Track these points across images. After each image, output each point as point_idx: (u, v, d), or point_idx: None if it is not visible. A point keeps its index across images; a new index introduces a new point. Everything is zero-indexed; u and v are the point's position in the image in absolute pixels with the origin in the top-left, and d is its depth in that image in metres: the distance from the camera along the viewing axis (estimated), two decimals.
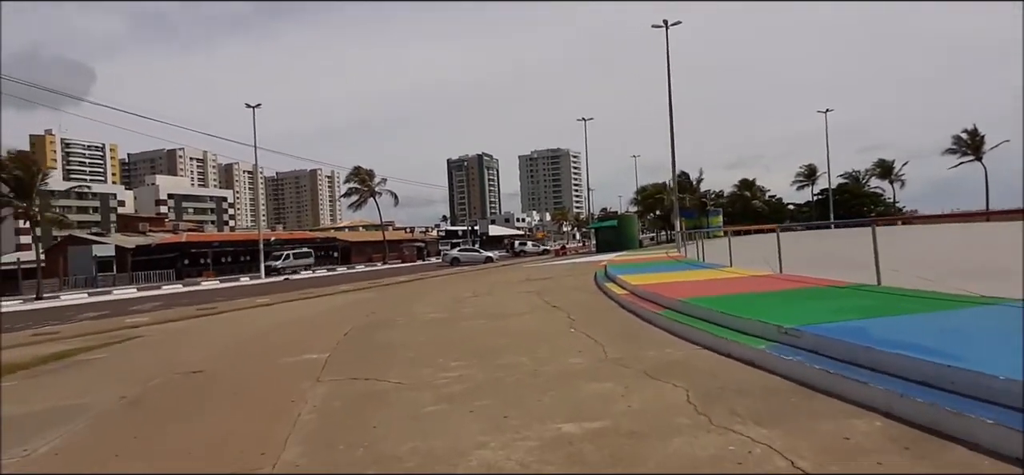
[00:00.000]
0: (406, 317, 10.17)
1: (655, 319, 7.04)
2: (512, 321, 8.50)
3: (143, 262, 49.83)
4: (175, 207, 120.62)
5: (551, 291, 13.01)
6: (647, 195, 63.80)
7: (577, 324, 7.57)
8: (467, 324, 8.57)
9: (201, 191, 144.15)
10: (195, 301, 21.76)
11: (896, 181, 65.11)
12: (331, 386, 5.25)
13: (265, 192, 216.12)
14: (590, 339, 6.39)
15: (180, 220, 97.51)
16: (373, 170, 63.50)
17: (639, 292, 9.24)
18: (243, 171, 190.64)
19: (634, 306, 8.26)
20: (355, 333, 8.59)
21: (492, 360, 5.74)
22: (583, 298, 10.96)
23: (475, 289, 15.55)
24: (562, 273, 19.99)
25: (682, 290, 8.49)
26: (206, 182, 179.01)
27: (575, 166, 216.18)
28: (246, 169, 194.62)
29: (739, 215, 62.52)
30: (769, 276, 9.46)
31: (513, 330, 7.61)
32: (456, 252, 48.48)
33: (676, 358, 5.11)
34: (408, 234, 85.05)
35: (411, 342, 7.28)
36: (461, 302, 12.12)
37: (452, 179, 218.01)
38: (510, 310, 9.91)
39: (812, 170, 66.41)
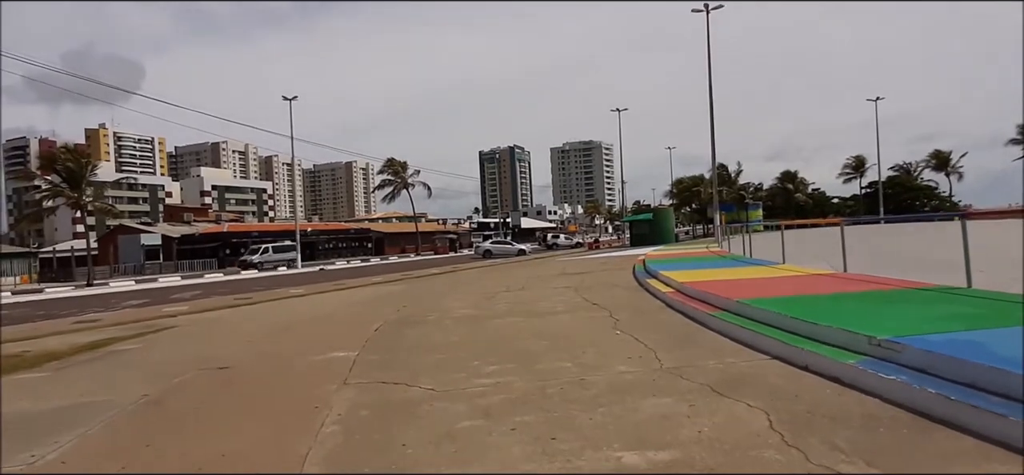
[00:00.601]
0: (438, 313, 9.73)
1: (709, 322, 6.40)
2: (550, 320, 7.95)
3: (188, 251, 51.13)
4: (218, 198, 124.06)
5: (589, 287, 12.40)
6: (683, 187, 62.20)
7: (622, 325, 6.98)
8: (502, 323, 8.07)
9: (242, 183, 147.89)
10: (233, 290, 21.91)
11: (953, 173, 61.73)
12: (358, 390, 4.81)
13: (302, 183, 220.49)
14: (639, 343, 5.79)
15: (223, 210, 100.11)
16: (406, 162, 63.76)
17: (687, 291, 8.57)
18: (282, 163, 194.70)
19: (683, 306, 7.62)
20: (385, 329, 8.18)
21: (531, 365, 5.22)
22: (625, 296, 10.33)
23: (508, 284, 15.06)
24: (598, 267, 19.33)
25: (737, 289, 7.79)
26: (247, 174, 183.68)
27: (607, 159, 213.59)
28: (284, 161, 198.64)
29: (780, 209, 60.34)
30: (833, 275, 8.66)
31: (552, 331, 7.07)
32: (488, 245, 48.16)
33: (743, 370, 4.49)
34: (440, 226, 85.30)
35: (443, 342, 6.81)
36: (494, 298, 11.63)
37: (484, 171, 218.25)
38: (547, 307, 9.37)
39: (860, 162, 63.59)
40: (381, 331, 8.04)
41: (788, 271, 9.81)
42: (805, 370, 4.33)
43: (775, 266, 11.04)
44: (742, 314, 6.13)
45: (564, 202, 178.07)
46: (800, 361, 4.45)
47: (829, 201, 67.66)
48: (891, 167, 67.12)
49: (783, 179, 66.55)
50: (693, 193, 58.47)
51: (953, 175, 61.49)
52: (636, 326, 6.82)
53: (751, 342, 5.26)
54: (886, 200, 57.60)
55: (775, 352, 4.80)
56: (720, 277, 9.67)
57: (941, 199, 61.23)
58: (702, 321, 6.57)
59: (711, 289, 7.94)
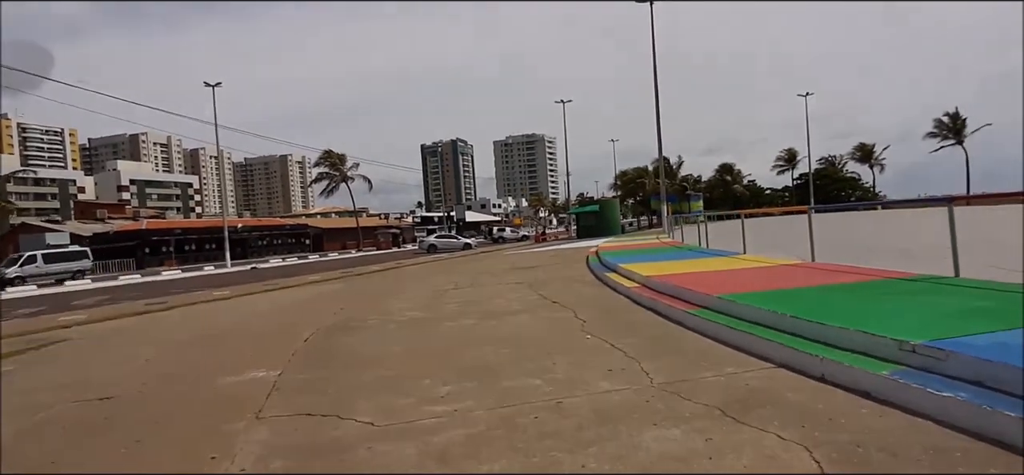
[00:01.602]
0: (380, 315, 8.66)
1: (689, 321, 5.69)
2: (508, 322, 7.07)
3: (102, 251, 46.91)
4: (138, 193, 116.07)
5: (544, 282, 11.62)
6: (628, 179, 62.83)
7: (591, 327, 6.18)
8: (454, 326, 7.12)
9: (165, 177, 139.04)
10: (148, 293, 19.82)
11: (876, 165, 65.30)
12: (273, 428, 3.77)
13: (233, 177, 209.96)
14: (616, 350, 5.00)
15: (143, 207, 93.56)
16: (344, 155, 61.24)
17: (655, 285, 7.90)
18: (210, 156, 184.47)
19: (654, 303, 6.91)
20: (317, 339, 7.06)
21: (493, 383, 4.32)
22: (585, 291, 9.59)
23: (457, 280, 14.08)
24: (549, 261, 18.63)
25: (709, 283, 7.17)
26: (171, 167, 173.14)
27: (550, 152, 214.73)
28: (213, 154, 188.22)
29: (719, 200, 62.04)
30: (804, 266, 8.21)
31: (512, 335, 6.19)
32: (433, 239, 46.81)
33: (751, 384, 3.75)
34: (383, 220, 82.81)
35: (386, 353, 5.80)
36: (443, 296, 10.65)
37: (426, 165, 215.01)
38: (502, 307, 8.48)
39: (792, 154, 66.30)
40: (313, 341, 6.91)
41: (754, 262, 9.34)
42: (822, 382, 3.64)
43: (737, 257, 10.60)
44: (727, 312, 5.45)
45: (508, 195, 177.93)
46: (813, 370, 3.76)
47: (763, 192, 70.20)
48: (818, 160, 70.36)
49: (721, 171, 68.48)
50: (638, 185, 59.11)
51: (876, 167, 65.15)
52: (607, 328, 6.04)
53: (745, 346, 4.56)
54: (815, 191, 60.18)
55: (779, 359, 4.11)
56: (685, 269, 9.07)
57: (864, 190, 64.70)
58: (680, 321, 5.86)
59: (681, 283, 7.28)
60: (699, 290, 6.49)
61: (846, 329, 3.93)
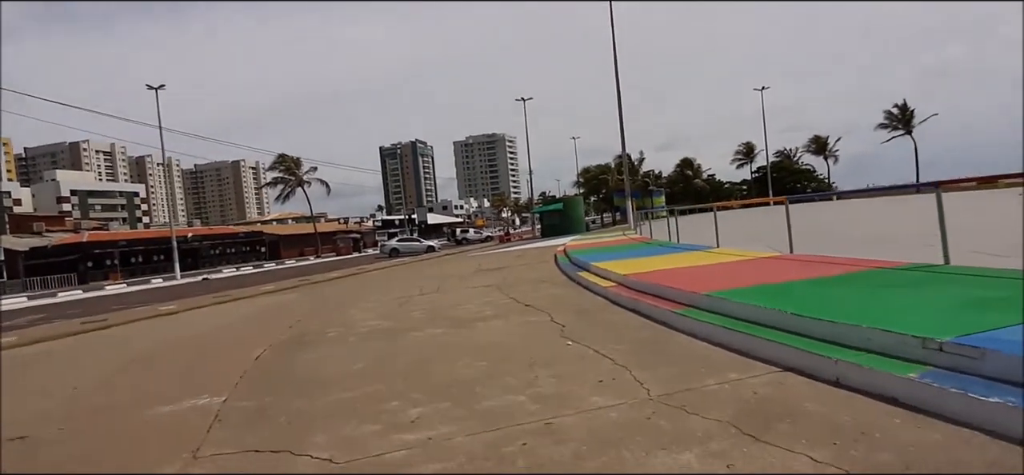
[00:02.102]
0: (340, 327, 8.03)
1: (678, 323, 5.31)
2: (480, 330, 6.56)
3: (39, 266, 44.10)
4: (80, 204, 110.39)
5: (513, 284, 11.15)
6: (591, 177, 63.00)
7: (571, 332, 5.74)
8: (421, 337, 6.56)
9: (110, 186, 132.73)
10: (88, 310, 18.46)
11: (830, 157, 67.36)
12: (213, 467, 3.18)
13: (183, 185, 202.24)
14: (603, 357, 4.57)
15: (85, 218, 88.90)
16: (300, 158, 59.39)
17: (633, 283, 7.53)
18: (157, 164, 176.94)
19: (635, 303, 6.53)
20: (270, 357, 6.40)
21: (471, 402, 3.82)
22: (557, 292, 9.17)
23: (422, 285, 13.48)
24: (516, 262, 18.19)
25: (691, 279, 6.84)
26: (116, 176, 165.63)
27: (511, 151, 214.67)
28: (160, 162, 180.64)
29: (680, 195, 62.88)
30: (785, 258, 7.98)
31: (486, 343, 5.69)
32: (395, 243, 45.80)
33: (761, 393, 3.36)
34: (342, 225, 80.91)
35: (346, 371, 5.21)
36: (408, 303, 10.06)
37: (386, 167, 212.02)
38: (472, 313, 7.96)
39: (750, 148, 67.76)
40: (264, 360, 6.25)
41: (731, 256, 9.10)
42: (837, 386, 3.28)
43: (712, 251, 10.37)
44: (718, 311, 5.09)
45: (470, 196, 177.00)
46: (826, 374, 3.40)
47: (723, 186, 71.63)
48: (773, 153, 72.24)
49: (682, 166, 69.47)
50: (601, 181, 59.30)
51: (830, 158, 67.30)
52: (588, 332, 5.60)
53: (744, 348, 4.19)
54: (772, 183, 61.70)
55: (785, 361, 3.74)
56: (661, 266, 8.75)
57: (819, 181, 66.74)
58: (668, 322, 5.48)
59: (661, 280, 6.92)
60: (683, 287, 6.13)
61: (859, 327, 3.59)
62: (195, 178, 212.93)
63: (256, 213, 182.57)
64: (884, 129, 60.46)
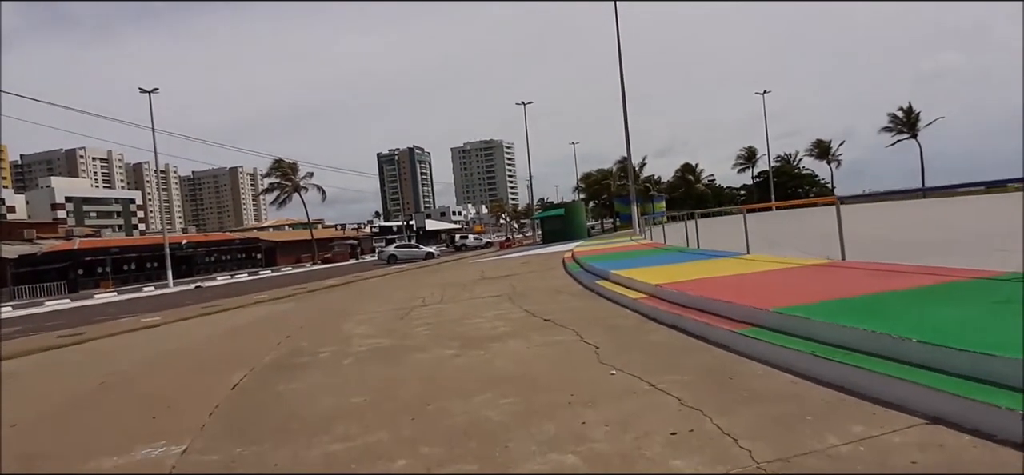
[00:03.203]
0: (334, 344, 7.07)
1: (742, 346, 4.37)
2: (497, 351, 5.60)
3: (28, 274, 43.05)
4: (75, 211, 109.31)
5: (525, 294, 10.20)
6: (592, 182, 62.09)
7: (608, 356, 4.79)
8: (428, 359, 5.61)
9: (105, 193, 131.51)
10: (71, 321, 17.46)
11: (833, 161, 66.52)
12: None
13: (181, 192, 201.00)
14: (661, 394, 3.62)
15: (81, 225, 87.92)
16: (296, 163, 58.47)
17: (668, 296, 6.58)
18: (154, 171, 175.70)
19: (678, 319, 5.59)
20: (250, 385, 5.43)
21: (504, 462, 2.87)
22: (577, 304, 8.22)
23: (424, 295, 12.52)
24: (521, 269, 17.24)
25: (739, 291, 5.90)
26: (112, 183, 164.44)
27: (509, 157, 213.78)
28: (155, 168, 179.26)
29: (681, 200, 62.07)
30: (840, 265, 7.03)
31: (509, 371, 4.73)
32: (393, 249, 44.82)
33: (922, 460, 2.41)
34: (339, 232, 79.85)
35: (341, 408, 4.25)
36: (409, 315, 9.10)
37: (383, 174, 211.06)
38: (485, 329, 7.01)
39: (752, 152, 66.98)
40: (243, 389, 5.28)
41: (771, 263, 8.16)
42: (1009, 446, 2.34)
43: (743, 258, 9.44)
44: (794, 333, 4.15)
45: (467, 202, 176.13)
46: (1005, 430, 2.46)
47: (723, 191, 70.80)
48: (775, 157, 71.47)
49: (683, 171, 68.65)
50: (603, 187, 58.41)
51: (833, 163, 66.45)
52: (632, 357, 4.66)
53: (849, 384, 3.25)
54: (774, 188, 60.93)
55: (927, 408, 2.80)
56: (693, 275, 7.80)
57: (821, 186, 65.94)
58: (729, 345, 4.53)
59: (704, 292, 5.99)
60: (736, 301, 5.19)
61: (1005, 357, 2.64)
62: (193, 185, 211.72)
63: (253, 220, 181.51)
64: (888, 132, 59.73)
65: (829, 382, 3.40)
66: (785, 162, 71.98)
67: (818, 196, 58.98)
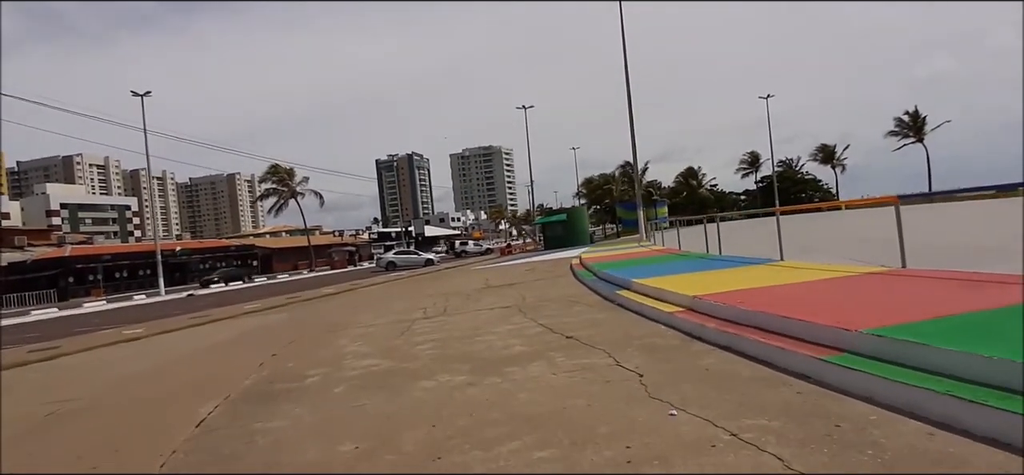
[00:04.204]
0: (325, 366, 6.15)
1: (836, 378, 3.47)
2: (517, 378, 4.68)
3: (16, 283, 41.93)
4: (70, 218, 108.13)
5: (537, 305, 9.29)
6: (594, 186, 61.18)
7: (657, 386, 3.89)
8: (435, 389, 4.69)
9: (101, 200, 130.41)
10: (53, 332, 16.51)
11: (838, 166, 65.70)
12: None
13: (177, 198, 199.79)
14: (751, 447, 2.72)
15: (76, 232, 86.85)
16: (293, 169, 57.54)
17: (710, 309, 5.68)
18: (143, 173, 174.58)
19: (732, 339, 4.69)
20: (221, 419, 4.51)
21: None
22: (599, 317, 7.31)
23: (425, 305, 11.60)
24: (527, 276, 16.33)
25: (797, 304, 5.00)
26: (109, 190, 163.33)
27: (508, 163, 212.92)
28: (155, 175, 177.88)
29: (683, 205, 61.22)
30: (906, 274, 6.14)
31: (535, 408, 3.81)
32: (392, 256, 43.86)
33: None
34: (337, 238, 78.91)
35: (326, 459, 3.33)
36: (410, 329, 8.18)
37: (382, 180, 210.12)
38: (498, 347, 6.09)
39: (755, 157, 66.17)
40: (211, 425, 4.36)
41: (821, 271, 7.25)
42: None
43: (778, 265, 8.55)
44: (905, 362, 3.25)
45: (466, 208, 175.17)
46: None
47: (726, 195, 70.01)
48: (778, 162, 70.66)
49: (686, 176, 67.83)
50: (605, 191, 57.52)
51: (838, 167, 65.65)
52: (689, 390, 3.75)
53: (1002, 435, 2.35)
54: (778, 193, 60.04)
55: None
56: (733, 285, 6.89)
57: (825, 191, 65.11)
58: (814, 375, 3.63)
59: (757, 306, 5.09)
60: (807, 319, 4.29)
61: None
62: (190, 191, 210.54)
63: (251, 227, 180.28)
64: (894, 137, 58.98)
65: (990, 436, 2.50)
66: (787, 167, 71.22)
67: (822, 201, 58.20)
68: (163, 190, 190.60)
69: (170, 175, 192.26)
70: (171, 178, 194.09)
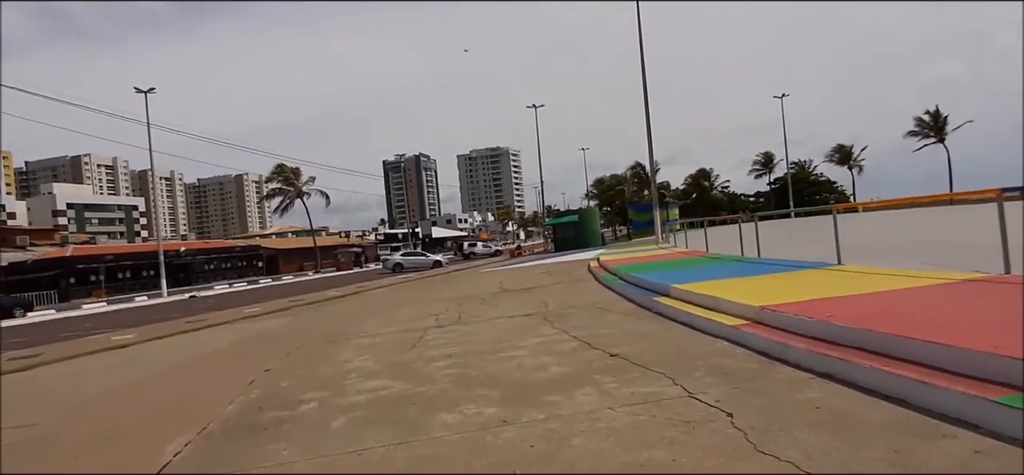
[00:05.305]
0: (323, 388, 5.19)
1: (1014, 428, 2.47)
2: (562, 413, 3.71)
3: (16, 283, 41.31)
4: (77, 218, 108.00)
5: (563, 313, 8.30)
6: (605, 187, 60.04)
7: (756, 431, 2.91)
8: (457, 427, 3.72)
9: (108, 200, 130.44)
10: (40, 338, 15.68)
11: (854, 167, 64.21)
12: None
13: (185, 199, 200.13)
14: None
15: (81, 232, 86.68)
16: (299, 168, 56.80)
17: (787, 324, 4.69)
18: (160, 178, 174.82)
19: (831, 365, 3.72)
20: (191, 460, 3.57)
21: None
22: (640, 329, 6.31)
23: (436, 310, 10.65)
24: (544, 279, 15.34)
25: (911, 319, 4.00)
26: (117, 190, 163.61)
27: (515, 165, 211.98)
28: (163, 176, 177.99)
29: (694, 206, 60.02)
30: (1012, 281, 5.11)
31: (601, 465, 2.84)
32: (399, 257, 42.91)
33: None
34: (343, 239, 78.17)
35: None
36: (423, 341, 7.22)
37: (389, 181, 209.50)
38: (528, 365, 5.12)
39: (769, 158, 64.82)
40: (178, 468, 3.41)
41: (900, 278, 6.24)
42: None
43: (841, 269, 7.54)
44: None
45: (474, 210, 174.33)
46: None
47: (738, 197, 68.72)
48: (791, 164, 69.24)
49: (698, 177, 66.60)
50: (617, 192, 56.40)
51: (854, 168, 64.15)
52: (808, 441, 2.76)
53: None
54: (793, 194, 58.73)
55: None
56: (803, 293, 5.88)
57: (840, 192, 63.65)
58: (984, 424, 2.64)
59: (854, 320, 4.10)
60: (944, 341, 3.30)
61: None
62: (198, 192, 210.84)
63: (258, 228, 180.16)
64: (914, 137, 57.53)
65: None
66: (800, 168, 69.83)
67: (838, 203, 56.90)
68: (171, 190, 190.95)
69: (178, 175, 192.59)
70: (179, 179, 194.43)
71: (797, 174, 65.39)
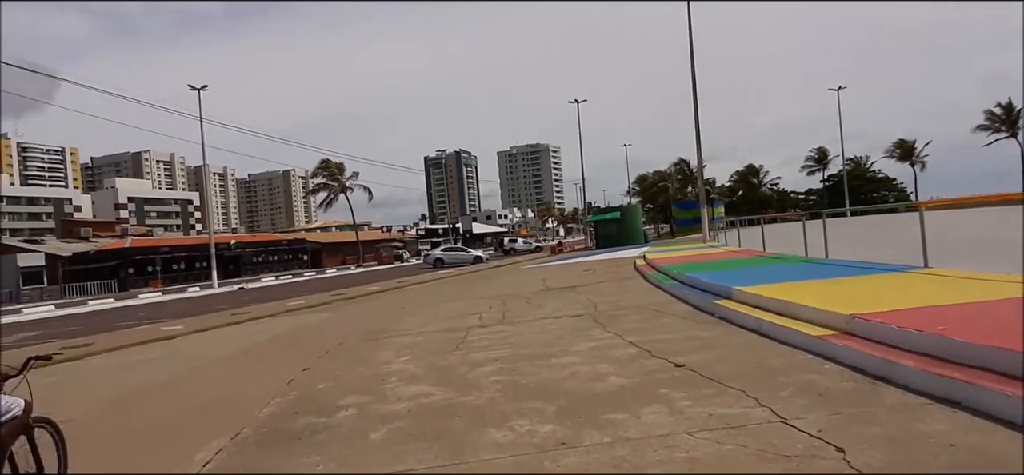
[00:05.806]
0: (363, 391, 4.86)
1: None
2: (628, 432, 3.23)
3: (81, 272, 43.37)
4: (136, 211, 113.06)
5: (613, 314, 7.78)
6: (648, 184, 58.68)
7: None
8: (509, 446, 3.29)
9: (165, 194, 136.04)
10: (96, 326, 16.16)
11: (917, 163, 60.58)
12: None
13: (237, 194, 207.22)
14: None
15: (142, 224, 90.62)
16: (343, 164, 57.66)
17: (888, 337, 4.06)
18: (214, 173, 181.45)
19: (950, 387, 3.12)
20: None
21: None
22: (703, 335, 5.74)
23: (479, 307, 10.29)
24: (587, 277, 14.79)
25: None
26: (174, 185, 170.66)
27: (555, 161, 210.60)
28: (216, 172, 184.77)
29: (741, 203, 57.99)
30: None
31: None
32: (439, 252, 42.95)
33: None
34: (385, 234, 79.12)
35: None
36: (466, 342, 6.84)
37: (429, 177, 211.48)
38: (582, 374, 4.65)
39: (823, 154, 61.92)
40: None
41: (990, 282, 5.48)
42: None
43: (930, 273, 6.77)
44: None
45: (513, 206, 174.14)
46: None
47: (788, 195, 66.06)
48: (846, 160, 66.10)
49: (746, 173, 64.27)
50: (660, 189, 55.02)
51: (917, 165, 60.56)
52: None
53: None
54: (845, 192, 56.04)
55: None
56: (894, 302, 5.19)
57: (900, 190, 60.34)
58: None
59: (980, 337, 3.45)
60: None
61: None
62: (248, 187, 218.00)
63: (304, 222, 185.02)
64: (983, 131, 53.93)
65: None
66: (856, 164, 66.59)
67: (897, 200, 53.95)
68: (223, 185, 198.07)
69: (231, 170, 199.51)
70: (232, 174, 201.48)
71: (853, 171, 62.35)
